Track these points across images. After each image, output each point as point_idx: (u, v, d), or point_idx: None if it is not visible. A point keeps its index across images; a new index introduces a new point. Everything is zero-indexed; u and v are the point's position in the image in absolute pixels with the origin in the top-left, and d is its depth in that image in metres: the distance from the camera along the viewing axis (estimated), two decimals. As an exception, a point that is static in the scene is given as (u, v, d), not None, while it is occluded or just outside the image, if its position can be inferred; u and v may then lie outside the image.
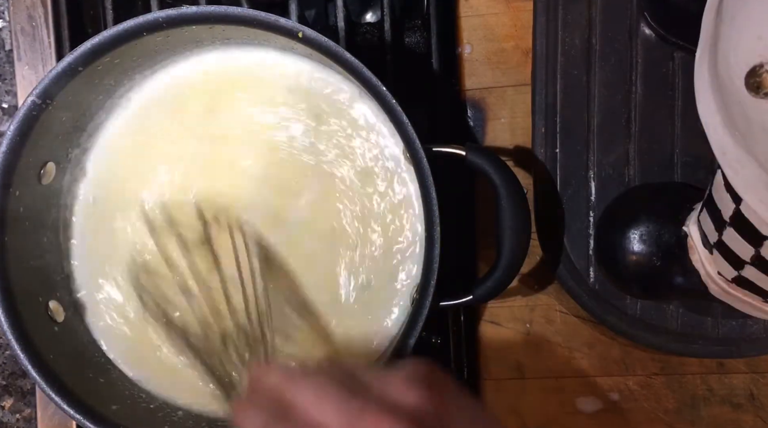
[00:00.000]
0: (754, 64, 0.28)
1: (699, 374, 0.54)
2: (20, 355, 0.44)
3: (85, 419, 0.45)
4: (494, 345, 0.56)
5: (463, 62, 0.55)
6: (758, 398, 0.54)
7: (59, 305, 0.49)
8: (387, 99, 0.42)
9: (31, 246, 0.48)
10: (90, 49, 0.44)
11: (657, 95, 0.51)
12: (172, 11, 0.43)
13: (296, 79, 0.49)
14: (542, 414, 0.56)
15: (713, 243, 0.41)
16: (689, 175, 0.51)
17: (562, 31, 0.52)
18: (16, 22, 0.57)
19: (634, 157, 0.52)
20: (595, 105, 0.52)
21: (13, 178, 0.45)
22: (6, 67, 0.59)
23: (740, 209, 0.35)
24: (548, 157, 0.52)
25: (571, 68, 0.52)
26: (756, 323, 0.51)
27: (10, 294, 0.45)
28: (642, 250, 0.49)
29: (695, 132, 0.50)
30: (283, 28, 0.43)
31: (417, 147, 0.42)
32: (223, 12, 0.43)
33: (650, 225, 0.48)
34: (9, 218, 0.45)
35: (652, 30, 0.51)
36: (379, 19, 0.55)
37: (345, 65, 0.43)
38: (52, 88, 0.44)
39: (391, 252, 0.48)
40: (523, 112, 0.54)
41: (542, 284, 0.55)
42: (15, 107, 0.58)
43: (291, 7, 0.53)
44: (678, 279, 0.47)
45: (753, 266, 0.38)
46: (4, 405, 0.60)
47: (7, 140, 0.44)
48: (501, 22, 0.55)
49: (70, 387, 0.45)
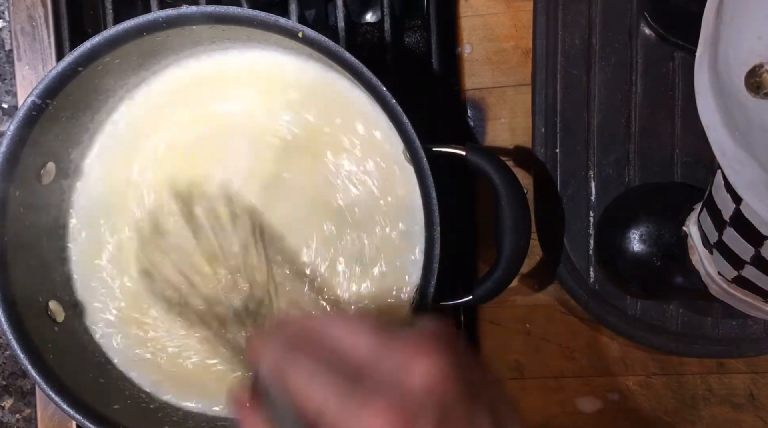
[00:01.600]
0: (754, 64, 0.28)
1: (699, 374, 0.54)
2: (20, 355, 0.44)
3: (85, 419, 0.45)
4: (494, 345, 0.56)
5: (463, 62, 0.55)
6: (758, 398, 0.54)
7: (59, 305, 0.49)
8: (387, 99, 0.42)
9: (31, 246, 0.48)
10: (90, 49, 0.44)
11: (657, 95, 0.51)
12: (171, 11, 0.43)
13: (296, 79, 0.49)
14: (542, 414, 0.56)
15: (713, 243, 0.41)
16: (689, 175, 0.51)
17: (562, 31, 0.52)
18: (16, 22, 0.57)
19: (634, 157, 0.52)
20: (595, 105, 0.52)
21: (13, 178, 0.45)
22: (6, 67, 0.59)
23: (740, 209, 0.35)
24: (548, 157, 0.52)
25: (571, 68, 0.52)
26: (756, 323, 0.51)
27: (10, 295, 0.45)
28: (642, 250, 0.49)
29: (695, 132, 0.50)
30: (283, 28, 0.43)
31: (417, 147, 0.42)
32: (223, 12, 0.43)
33: (650, 225, 0.48)
34: (9, 218, 0.45)
35: (652, 30, 0.51)
36: (379, 19, 0.55)
37: (345, 65, 0.43)
38: (52, 88, 0.44)
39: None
40: (523, 112, 0.54)
41: (542, 284, 0.55)
42: (15, 107, 0.58)
43: (291, 7, 0.53)
44: (678, 279, 0.47)
45: (753, 266, 0.38)
46: (4, 405, 0.60)
47: (7, 140, 0.44)
48: (501, 22, 0.55)
49: (70, 387, 0.45)
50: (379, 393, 0.31)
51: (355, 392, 0.32)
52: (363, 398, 0.32)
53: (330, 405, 0.32)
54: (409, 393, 0.32)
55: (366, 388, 0.32)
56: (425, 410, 0.31)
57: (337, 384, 0.33)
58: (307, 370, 0.34)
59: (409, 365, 0.32)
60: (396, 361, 0.33)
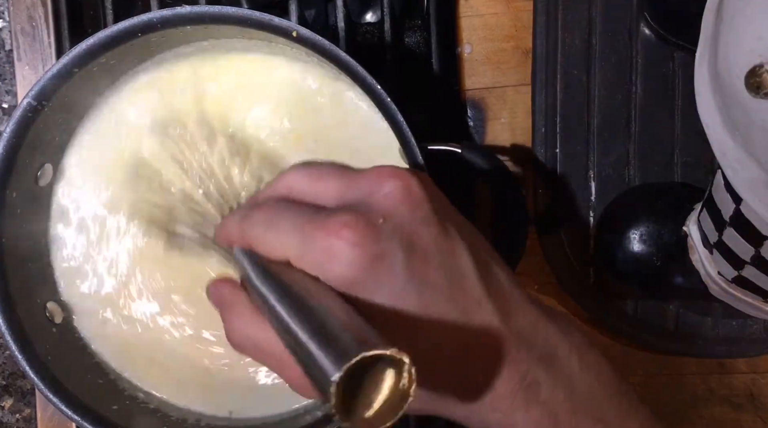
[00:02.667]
0: (754, 64, 0.28)
1: (699, 374, 0.54)
2: (18, 356, 0.44)
3: (84, 420, 0.44)
4: (494, 345, 0.56)
5: (463, 62, 0.55)
6: (758, 398, 0.54)
7: (57, 306, 0.49)
8: (382, 97, 0.42)
9: (28, 247, 0.48)
10: (85, 51, 0.44)
11: (657, 95, 0.51)
12: (166, 11, 0.43)
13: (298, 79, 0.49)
14: (542, 414, 0.55)
15: (713, 243, 0.41)
16: (689, 175, 0.51)
17: (562, 31, 0.52)
18: (16, 22, 0.57)
19: (634, 157, 0.52)
20: (595, 105, 0.52)
21: (11, 179, 0.45)
22: (6, 67, 0.59)
23: (740, 209, 0.35)
24: (548, 157, 0.52)
25: (571, 68, 0.52)
26: (756, 323, 0.51)
27: (8, 296, 0.45)
28: (642, 250, 0.49)
29: (695, 132, 0.50)
30: (278, 27, 0.43)
31: (412, 145, 0.42)
32: (218, 12, 0.43)
33: (650, 225, 0.48)
34: (6, 220, 0.45)
35: (652, 30, 0.51)
36: (379, 19, 0.55)
37: (339, 64, 0.43)
38: (48, 90, 0.44)
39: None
40: (523, 112, 0.54)
41: (542, 284, 0.55)
42: (15, 107, 0.58)
43: (291, 7, 0.53)
44: (678, 279, 0.47)
45: (753, 266, 0.38)
46: (4, 405, 0.60)
47: (4, 142, 0.44)
48: (501, 22, 0.55)
49: (69, 388, 0.45)
50: (343, 211, 0.28)
51: (320, 218, 0.28)
52: (326, 219, 0.28)
53: (290, 242, 0.29)
54: (373, 211, 0.28)
55: (330, 212, 0.29)
56: (391, 226, 0.28)
57: (294, 222, 0.29)
58: (263, 220, 0.30)
59: (373, 187, 0.29)
60: (360, 188, 0.30)
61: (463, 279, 0.29)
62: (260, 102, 0.48)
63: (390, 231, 0.28)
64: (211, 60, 0.48)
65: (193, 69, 0.48)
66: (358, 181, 0.30)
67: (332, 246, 0.27)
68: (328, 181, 0.31)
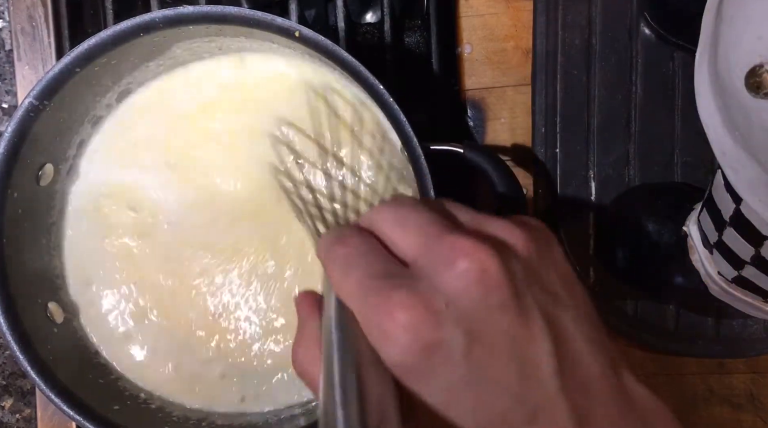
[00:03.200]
0: (754, 64, 0.28)
1: (699, 374, 0.54)
2: (19, 356, 0.44)
3: (85, 420, 0.44)
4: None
5: (463, 62, 0.55)
6: (758, 398, 0.54)
7: (58, 306, 0.49)
8: (384, 98, 0.42)
9: (29, 247, 0.48)
10: (87, 51, 0.44)
11: (657, 95, 0.51)
12: (168, 11, 0.43)
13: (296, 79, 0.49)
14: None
15: (713, 243, 0.41)
16: (689, 175, 0.51)
17: (562, 31, 0.52)
18: (16, 22, 0.57)
19: (634, 157, 0.52)
20: (595, 105, 0.52)
21: (12, 179, 0.45)
22: (6, 67, 0.59)
23: (740, 209, 0.35)
24: (548, 157, 0.52)
25: (571, 68, 0.52)
26: (756, 323, 0.51)
27: (9, 296, 0.45)
28: (642, 250, 0.49)
29: (695, 132, 0.50)
30: (280, 27, 0.43)
31: (414, 145, 0.42)
32: (220, 12, 0.43)
33: (650, 225, 0.48)
34: (7, 220, 0.45)
35: (652, 30, 0.51)
36: (379, 19, 0.55)
37: (342, 64, 0.43)
38: (50, 90, 0.44)
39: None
40: (523, 112, 0.54)
41: (542, 284, 0.55)
42: (15, 107, 0.58)
43: (291, 7, 0.53)
44: (678, 279, 0.47)
45: (753, 266, 0.38)
46: (4, 405, 0.60)
47: (5, 142, 0.44)
48: (501, 22, 0.55)
49: (70, 388, 0.45)
50: (404, 289, 0.26)
51: (383, 286, 0.27)
52: (387, 293, 0.26)
53: (353, 303, 0.27)
54: (439, 292, 0.26)
55: (395, 282, 0.27)
56: (456, 313, 0.26)
57: (361, 279, 0.27)
58: (340, 261, 0.29)
59: (448, 261, 0.27)
60: (436, 257, 0.27)
61: (537, 371, 0.26)
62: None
63: (454, 318, 0.26)
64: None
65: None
66: (438, 245, 0.27)
67: (386, 326, 0.26)
68: (409, 233, 0.29)
